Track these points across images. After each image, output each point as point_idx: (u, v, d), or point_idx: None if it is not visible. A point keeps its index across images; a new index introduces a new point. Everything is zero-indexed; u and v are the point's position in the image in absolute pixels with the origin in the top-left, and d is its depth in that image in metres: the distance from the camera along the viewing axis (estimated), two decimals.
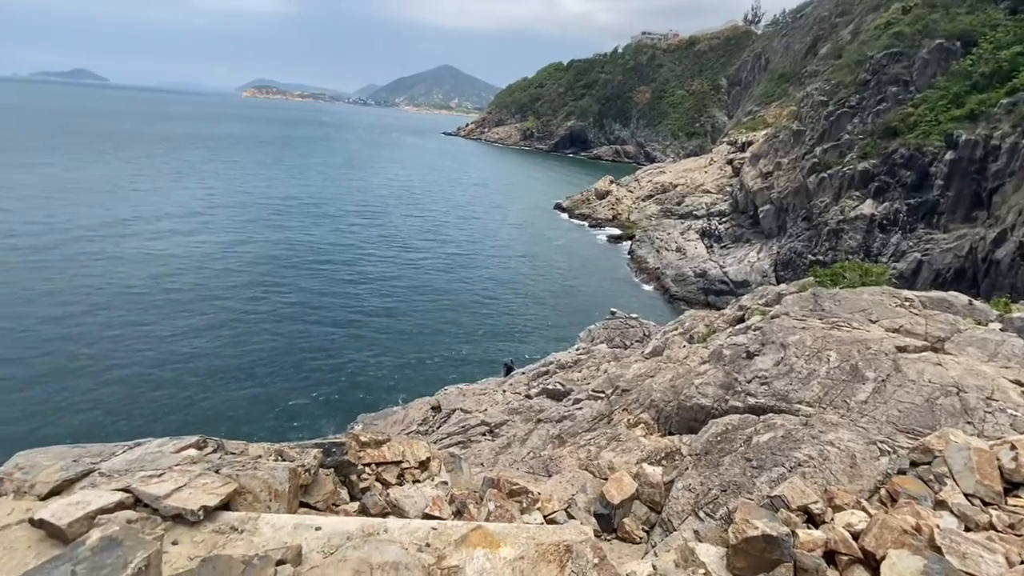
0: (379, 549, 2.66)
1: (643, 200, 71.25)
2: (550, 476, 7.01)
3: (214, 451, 4.14)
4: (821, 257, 40.24)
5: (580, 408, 11.60)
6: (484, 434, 14.07)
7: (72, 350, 20.59)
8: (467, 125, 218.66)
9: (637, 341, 20.70)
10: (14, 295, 24.07)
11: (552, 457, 7.80)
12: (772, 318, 9.60)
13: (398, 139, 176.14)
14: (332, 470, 4.33)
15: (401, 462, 5.13)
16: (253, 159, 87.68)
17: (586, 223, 67.67)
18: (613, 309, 25.65)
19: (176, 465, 3.72)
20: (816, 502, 4.32)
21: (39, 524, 3.32)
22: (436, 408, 17.21)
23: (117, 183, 54.59)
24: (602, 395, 11.78)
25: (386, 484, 4.86)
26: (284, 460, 4.01)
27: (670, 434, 7.85)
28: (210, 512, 3.30)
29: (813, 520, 4.25)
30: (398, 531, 3.15)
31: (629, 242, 57.75)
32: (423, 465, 5.46)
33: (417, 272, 37.54)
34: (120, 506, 3.29)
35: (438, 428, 15.40)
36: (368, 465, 4.78)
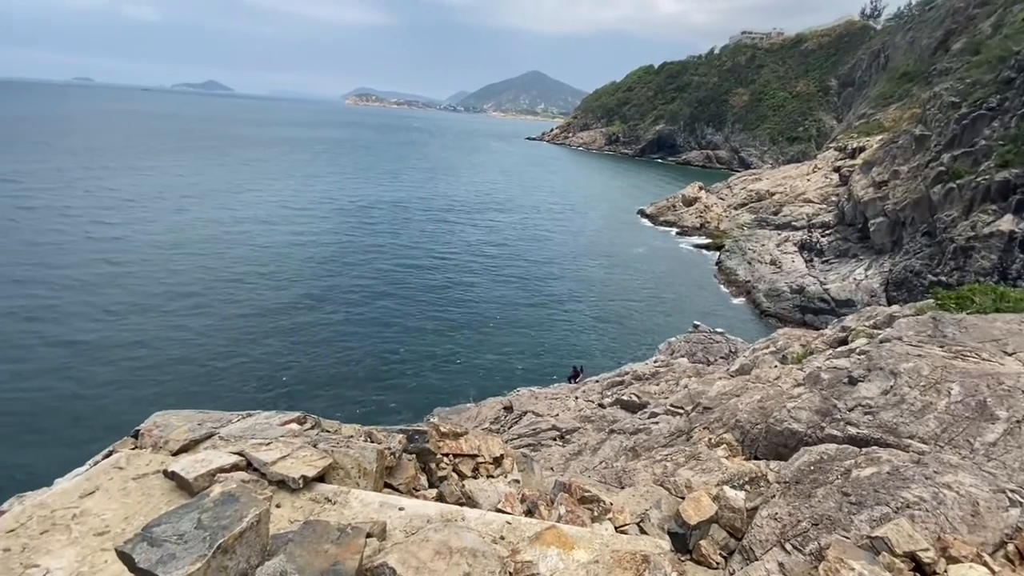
0: (458, 535, 2.78)
1: (735, 208, 67.31)
2: (623, 488, 6.86)
3: (312, 427, 4.53)
4: (944, 278, 35.62)
5: (657, 422, 11.22)
6: (555, 439, 14.04)
7: (190, 336, 23.33)
8: (551, 130, 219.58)
9: (722, 357, 19.60)
10: (150, 288, 27.72)
11: (625, 469, 7.63)
12: (881, 342, 8.69)
13: (483, 144, 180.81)
14: (414, 456, 4.56)
15: (476, 456, 5.29)
16: (351, 162, 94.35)
17: (671, 230, 65.17)
18: (696, 322, 24.50)
19: (281, 436, 4.12)
20: (927, 550, 3.87)
21: (171, 476, 3.84)
22: (508, 408, 17.45)
23: (235, 183, 61.17)
24: (681, 411, 11.30)
25: (461, 475, 5.03)
26: (372, 442, 4.30)
27: (756, 458, 7.37)
28: (308, 482, 3.63)
29: (922, 570, 3.81)
30: (474, 521, 3.27)
31: (717, 252, 54.83)
32: (497, 461, 5.59)
33: (494, 275, 38.28)
34: (235, 467, 3.72)
35: (509, 428, 15.60)
36: (446, 455, 4.98)
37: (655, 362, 19.62)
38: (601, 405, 16.45)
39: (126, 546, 2.58)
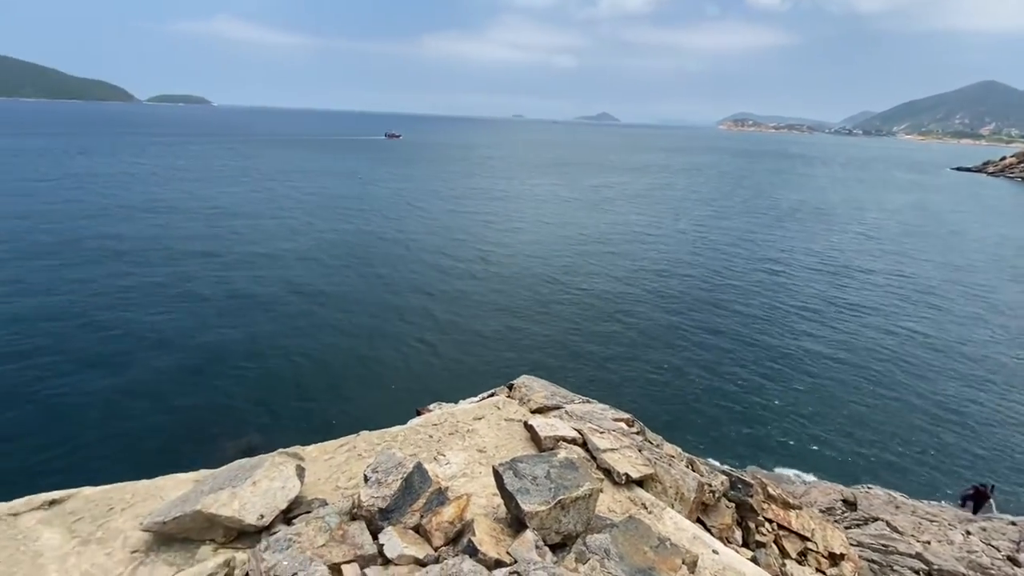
0: None
1: None
2: None
3: (638, 432, 4.77)
4: None
5: None
6: (917, 572, 10.39)
7: (549, 318, 27.94)
8: (1003, 158, 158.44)
9: None
10: (512, 280, 34.55)
11: None
12: None
13: (884, 175, 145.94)
14: (733, 506, 4.22)
15: (807, 540, 4.47)
16: (707, 189, 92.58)
17: None
18: None
19: (612, 430, 4.51)
20: None
21: (528, 428, 4.74)
22: (850, 503, 13.87)
23: (591, 201, 69.34)
24: None
25: (784, 552, 4.35)
26: (693, 471, 4.20)
27: None
28: (629, 481, 3.86)
29: None
30: None
31: None
32: (832, 559, 4.57)
33: (870, 342, 30.65)
34: (574, 441, 4.29)
35: (846, 528, 12.43)
36: (770, 521, 4.39)
37: None
38: (1013, 560, 11.13)
39: (500, 468, 3.34)
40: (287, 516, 3.64)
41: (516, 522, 3.13)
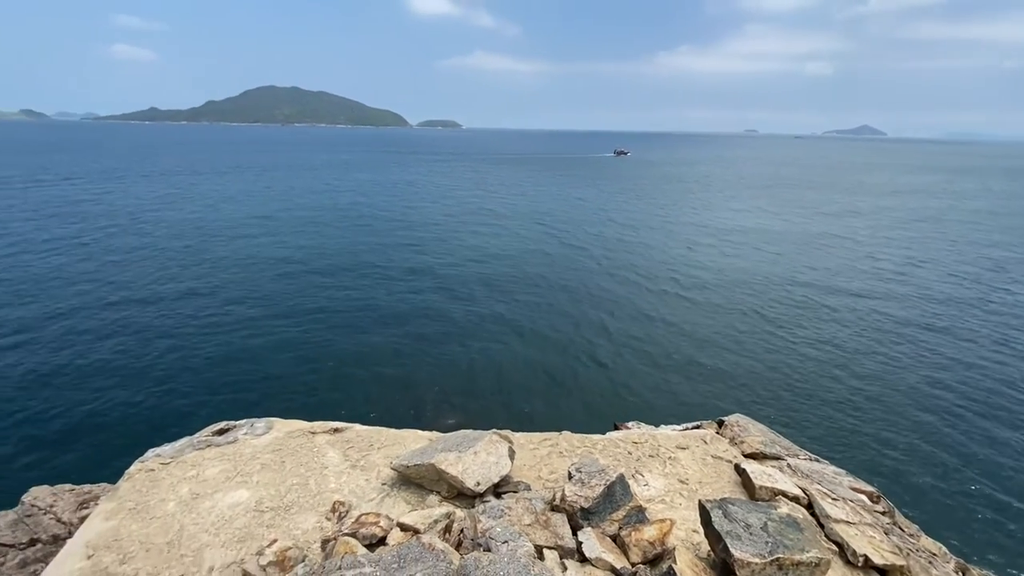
0: None
1: None
2: None
3: (884, 513, 3.93)
4: None
5: None
6: None
7: (773, 354, 24.71)
8: None
9: None
10: (727, 304, 31.12)
11: None
12: None
13: None
14: None
15: None
16: (999, 224, 68.79)
17: None
18: None
19: (849, 500, 3.81)
20: None
21: (740, 471, 4.34)
22: None
23: (833, 231, 57.70)
24: None
25: None
26: None
27: None
28: (869, 566, 3.21)
29: None
30: None
31: None
32: None
33: None
34: (796, 499, 3.76)
35: None
36: None
37: None
38: None
39: (708, 504, 3.15)
40: (496, 489, 4.08)
41: (721, 566, 2.92)
